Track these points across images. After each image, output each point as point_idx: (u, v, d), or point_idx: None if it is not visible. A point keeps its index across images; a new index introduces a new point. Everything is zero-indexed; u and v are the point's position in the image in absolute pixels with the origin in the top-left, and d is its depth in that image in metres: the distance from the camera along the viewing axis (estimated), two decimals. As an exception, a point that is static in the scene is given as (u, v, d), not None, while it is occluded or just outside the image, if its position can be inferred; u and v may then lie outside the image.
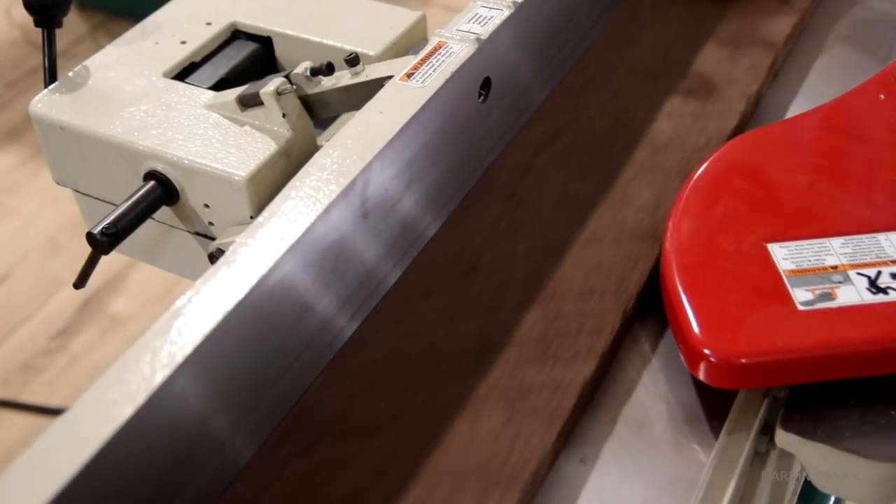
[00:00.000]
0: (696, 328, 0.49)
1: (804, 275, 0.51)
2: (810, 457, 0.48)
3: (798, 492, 0.54)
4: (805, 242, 0.53)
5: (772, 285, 0.51)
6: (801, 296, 0.50)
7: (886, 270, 0.51)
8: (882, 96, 0.64)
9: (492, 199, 0.62)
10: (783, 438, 0.49)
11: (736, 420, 0.50)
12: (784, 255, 0.53)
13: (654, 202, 0.61)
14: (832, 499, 0.63)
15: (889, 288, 0.50)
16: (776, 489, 0.53)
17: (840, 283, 0.51)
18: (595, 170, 0.64)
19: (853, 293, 0.50)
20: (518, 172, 0.64)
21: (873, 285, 0.51)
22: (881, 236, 0.54)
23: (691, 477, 0.48)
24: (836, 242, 0.53)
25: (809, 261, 0.52)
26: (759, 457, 0.52)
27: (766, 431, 0.51)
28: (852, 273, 0.51)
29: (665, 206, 0.61)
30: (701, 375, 0.49)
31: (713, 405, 0.51)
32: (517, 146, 0.66)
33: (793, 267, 0.52)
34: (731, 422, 0.50)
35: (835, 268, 0.52)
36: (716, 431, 0.50)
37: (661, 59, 0.73)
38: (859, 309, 0.50)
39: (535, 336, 0.54)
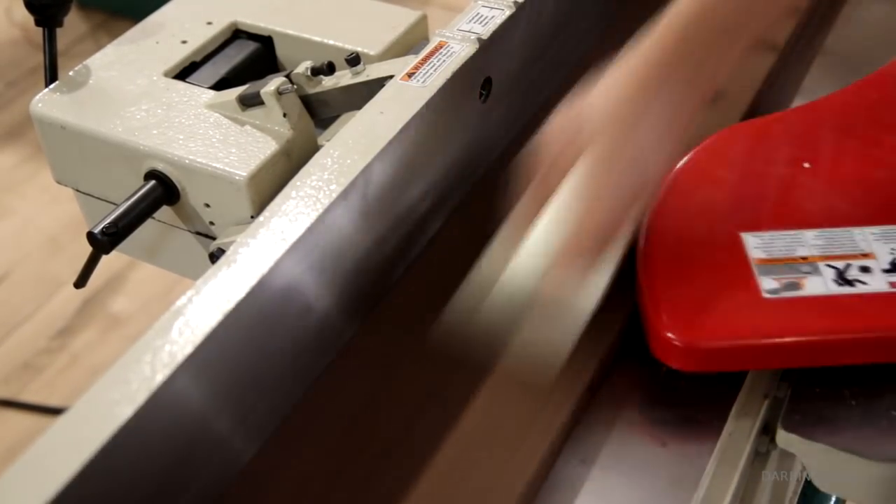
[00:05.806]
0: (659, 312, 0.50)
1: (773, 264, 0.52)
2: (811, 457, 0.48)
3: (799, 492, 0.54)
4: (779, 233, 0.54)
5: (740, 273, 0.51)
6: (767, 284, 0.51)
7: (856, 264, 0.52)
8: (873, 96, 0.64)
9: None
10: (784, 438, 0.49)
11: (736, 420, 0.50)
12: (756, 245, 0.53)
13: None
14: (833, 499, 0.63)
15: (856, 280, 0.51)
16: (777, 489, 0.53)
17: (808, 273, 0.51)
18: None
19: (820, 284, 0.51)
20: None
21: (841, 277, 0.51)
22: (856, 230, 0.54)
23: (691, 477, 0.48)
24: (809, 234, 0.54)
25: (781, 251, 0.53)
26: (759, 457, 0.52)
27: (767, 431, 0.51)
28: (821, 265, 0.52)
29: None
30: (665, 358, 0.50)
31: (714, 406, 0.51)
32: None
33: (763, 256, 0.52)
34: (732, 422, 0.50)
35: (804, 258, 0.52)
36: (716, 432, 0.50)
37: None
38: (824, 300, 0.50)
39: None
